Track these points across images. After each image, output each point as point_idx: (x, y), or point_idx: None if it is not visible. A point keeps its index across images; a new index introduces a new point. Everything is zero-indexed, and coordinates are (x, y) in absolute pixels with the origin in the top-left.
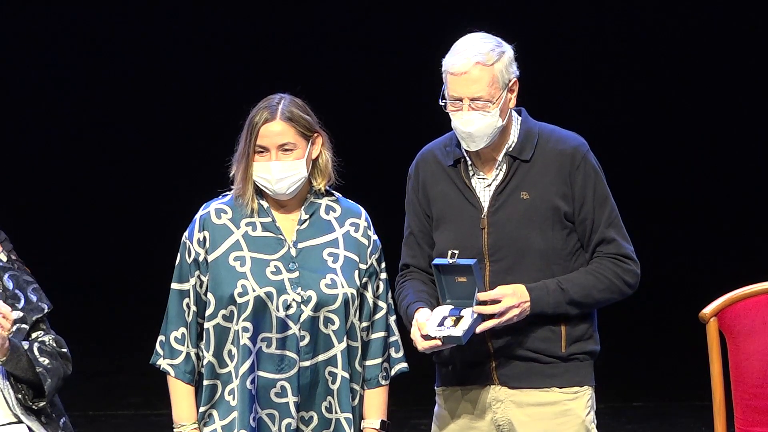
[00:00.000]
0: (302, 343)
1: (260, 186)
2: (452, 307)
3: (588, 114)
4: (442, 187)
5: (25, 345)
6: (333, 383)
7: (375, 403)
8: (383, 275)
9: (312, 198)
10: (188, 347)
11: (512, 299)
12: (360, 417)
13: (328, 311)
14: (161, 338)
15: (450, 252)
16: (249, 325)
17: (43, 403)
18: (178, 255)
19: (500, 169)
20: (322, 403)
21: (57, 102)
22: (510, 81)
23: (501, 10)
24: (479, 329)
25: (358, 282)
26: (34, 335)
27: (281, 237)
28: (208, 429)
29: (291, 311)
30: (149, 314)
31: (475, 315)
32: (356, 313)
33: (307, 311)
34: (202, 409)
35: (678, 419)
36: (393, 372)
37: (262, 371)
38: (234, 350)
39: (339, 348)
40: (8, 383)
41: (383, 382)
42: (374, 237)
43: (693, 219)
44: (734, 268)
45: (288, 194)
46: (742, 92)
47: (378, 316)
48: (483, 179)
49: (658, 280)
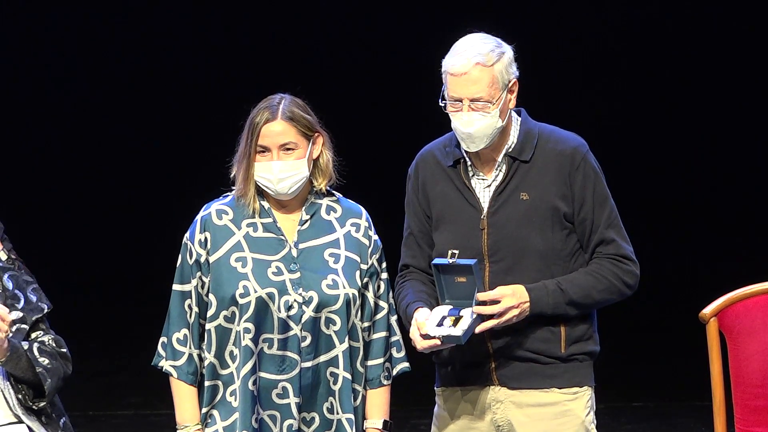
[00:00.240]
0: (304, 344)
1: (262, 186)
2: (451, 307)
3: (588, 114)
4: (442, 188)
5: (25, 345)
6: (335, 384)
7: (377, 403)
8: (384, 275)
9: (313, 198)
10: (190, 348)
11: (511, 299)
12: (362, 417)
13: (330, 312)
14: (163, 340)
15: (450, 252)
16: (251, 326)
17: (44, 403)
18: (179, 256)
19: (500, 170)
20: (324, 404)
21: (57, 102)
22: (510, 82)
23: (501, 10)
24: (478, 329)
25: (360, 282)
26: (34, 335)
27: (282, 237)
28: (210, 430)
29: (292, 312)
30: (149, 314)
31: (475, 315)
32: (357, 314)
33: (309, 312)
34: (204, 410)
35: (678, 419)
36: (395, 372)
37: (264, 372)
38: (236, 351)
39: (340, 348)
40: (9, 383)
41: (385, 382)
42: (375, 237)
43: (693, 219)
44: (734, 268)
45: (290, 194)
46: (742, 92)
47: (379, 316)
48: (483, 180)
49: (658, 280)
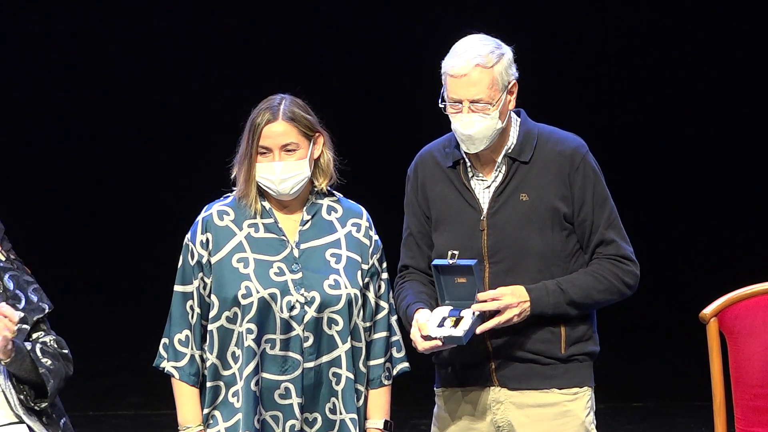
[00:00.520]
0: (306, 344)
1: (263, 187)
2: (452, 308)
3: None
4: (441, 189)
5: (28, 346)
6: (337, 384)
7: (378, 403)
8: (384, 275)
9: (313, 198)
10: (192, 349)
11: (511, 298)
12: (364, 417)
13: (332, 312)
14: (164, 341)
15: (450, 253)
16: (253, 327)
17: (45, 404)
18: (181, 257)
19: (499, 171)
20: (326, 405)
21: (57, 102)
22: (509, 83)
23: (500, 11)
24: (479, 330)
25: (361, 282)
26: (35, 336)
27: (284, 238)
28: (212, 431)
29: (295, 312)
30: (149, 314)
31: (475, 315)
32: (359, 314)
33: (311, 312)
34: (205, 411)
35: (678, 419)
36: (395, 372)
37: (266, 373)
38: (238, 352)
39: (343, 349)
40: (10, 383)
41: (386, 382)
42: (375, 237)
43: (693, 219)
44: (734, 268)
45: (291, 194)
46: (742, 92)
47: (380, 316)
48: (482, 181)
49: (658, 280)
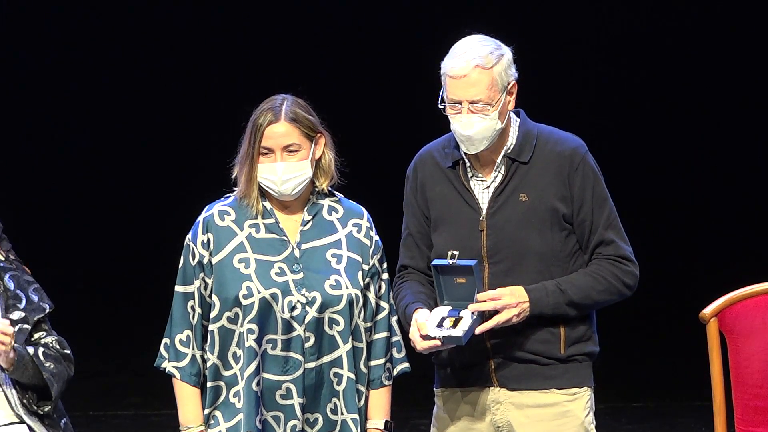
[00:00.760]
0: (307, 345)
1: (265, 187)
2: (451, 308)
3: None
4: (441, 189)
5: (30, 350)
6: (338, 384)
7: (379, 404)
8: (385, 276)
9: (314, 199)
10: (193, 349)
11: (510, 299)
12: (365, 418)
13: (333, 312)
14: (165, 341)
15: (450, 253)
16: (254, 327)
17: (48, 408)
18: (182, 257)
19: (499, 171)
20: (327, 405)
21: (57, 102)
22: (509, 83)
23: (500, 11)
24: (479, 330)
25: (362, 283)
26: (36, 336)
27: (285, 238)
28: (213, 431)
29: (296, 312)
30: (149, 314)
31: (475, 316)
32: (360, 314)
33: (312, 312)
34: (206, 411)
35: (678, 419)
36: (395, 372)
37: (267, 373)
38: (239, 352)
39: (344, 349)
40: (10, 383)
41: (386, 383)
42: (376, 237)
43: (693, 219)
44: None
45: (293, 195)
46: (742, 92)
47: (380, 317)
48: (482, 181)
49: (658, 280)
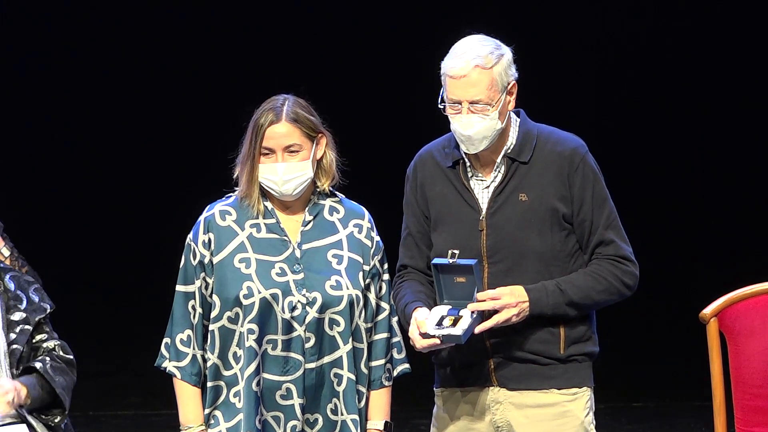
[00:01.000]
0: (307, 345)
1: (266, 188)
2: (450, 307)
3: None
4: (441, 189)
5: (38, 365)
6: (338, 385)
7: (378, 405)
8: (386, 276)
9: (316, 199)
10: (194, 349)
11: (510, 298)
12: (365, 418)
13: (333, 313)
14: (166, 341)
15: (450, 252)
16: (254, 327)
17: (59, 419)
18: (183, 257)
19: (499, 171)
20: (328, 405)
21: (57, 102)
22: (509, 83)
23: (500, 11)
24: (478, 329)
25: (362, 283)
26: (38, 338)
27: (286, 238)
28: (213, 431)
29: (296, 313)
30: (150, 314)
31: (474, 315)
32: (361, 315)
33: (313, 313)
34: (206, 411)
35: (678, 419)
36: (395, 373)
37: (267, 373)
38: (239, 352)
39: (344, 350)
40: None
41: (386, 383)
42: (377, 238)
43: (693, 219)
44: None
45: (294, 195)
46: (742, 92)
47: (381, 318)
48: (482, 181)
49: (658, 280)
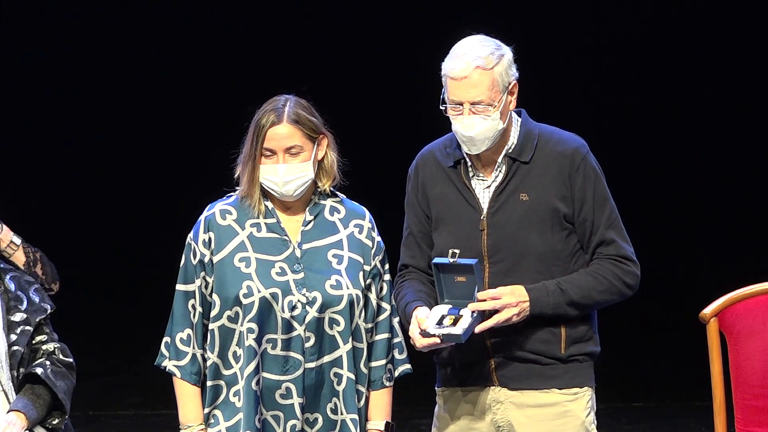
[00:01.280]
0: (307, 345)
1: (267, 188)
2: (451, 307)
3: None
4: (442, 188)
5: (39, 370)
6: (338, 384)
7: (379, 405)
8: (387, 277)
9: (316, 199)
10: (194, 348)
11: (510, 298)
12: (365, 418)
13: (333, 312)
14: (166, 340)
15: (451, 251)
16: (254, 326)
17: (58, 421)
18: (183, 256)
19: (500, 171)
20: (327, 405)
21: (57, 102)
22: (510, 84)
23: (500, 11)
24: (478, 329)
25: (363, 283)
26: (38, 339)
27: (286, 238)
28: (213, 430)
29: (296, 312)
30: (150, 314)
31: (475, 314)
32: (361, 315)
33: (312, 312)
34: (206, 410)
35: (678, 419)
36: (397, 373)
37: (267, 372)
38: (239, 351)
39: (344, 349)
40: (12, 384)
41: (387, 384)
42: (378, 238)
43: (693, 219)
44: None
45: (295, 196)
46: (742, 92)
47: (382, 318)
48: (483, 180)
49: (658, 280)
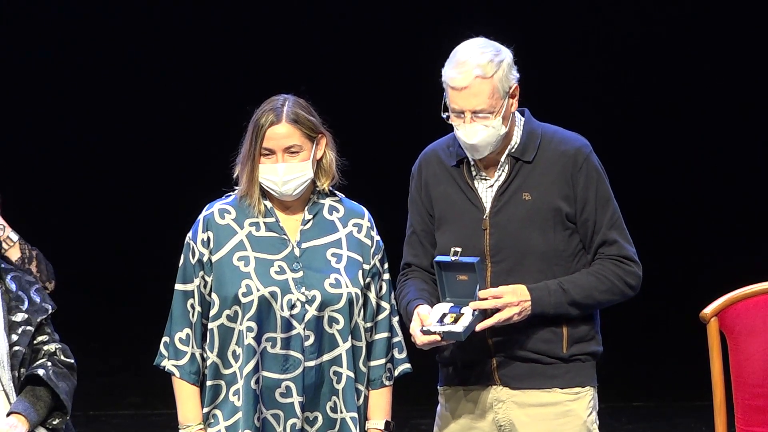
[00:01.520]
0: (307, 343)
1: (266, 188)
2: (452, 305)
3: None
4: (445, 188)
5: (41, 372)
6: (338, 383)
7: (379, 404)
8: (386, 276)
9: (315, 198)
10: (193, 348)
11: (512, 297)
12: (364, 417)
13: (333, 311)
14: (165, 339)
15: (453, 249)
16: (253, 325)
17: (58, 421)
18: (182, 256)
19: (503, 170)
20: (327, 403)
21: (57, 101)
22: (511, 88)
23: (501, 11)
24: (479, 327)
25: (362, 282)
26: (39, 339)
27: (285, 237)
28: (213, 430)
29: (295, 311)
30: (149, 314)
31: (476, 313)
32: (360, 313)
33: (312, 311)
34: (205, 410)
35: (678, 419)
36: (397, 373)
37: (267, 371)
38: (238, 350)
39: (344, 347)
40: (12, 385)
41: (387, 383)
42: (377, 238)
43: (693, 219)
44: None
45: (294, 195)
46: (742, 92)
47: (381, 317)
48: (485, 180)
49: (659, 281)
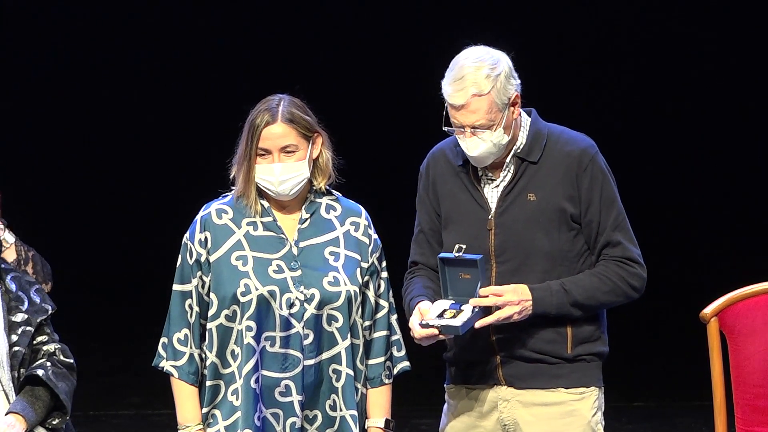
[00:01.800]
0: (306, 342)
1: (263, 188)
2: (453, 302)
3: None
4: (451, 187)
5: (40, 372)
6: (337, 381)
7: (379, 402)
8: (384, 274)
9: (312, 197)
10: (191, 348)
11: (512, 295)
12: (363, 416)
13: (332, 309)
14: (163, 340)
15: (457, 246)
16: (252, 324)
17: (58, 421)
18: (179, 256)
19: (508, 171)
20: (326, 402)
21: (57, 102)
22: (510, 98)
23: (503, 11)
24: (478, 324)
25: (360, 280)
26: (39, 339)
27: (283, 236)
28: (212, 430)
29: (294, 309)
30: (149, 314)
31: (476, 309)
32: (358, 311)
33: (311, 309)
34: (205, 410)
35: (678, 419)
36: (396, 371)
37: (266, 370)
38: (237, 350)
39: (343, 345)
40: (12, 385)
41: (386, 381)
42: (374, 236)
43: (693, 220)
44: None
45: (291, 195)
46: (743, 93)
47: (380, 315)
48: (491, 180)
49: (659, 281)
